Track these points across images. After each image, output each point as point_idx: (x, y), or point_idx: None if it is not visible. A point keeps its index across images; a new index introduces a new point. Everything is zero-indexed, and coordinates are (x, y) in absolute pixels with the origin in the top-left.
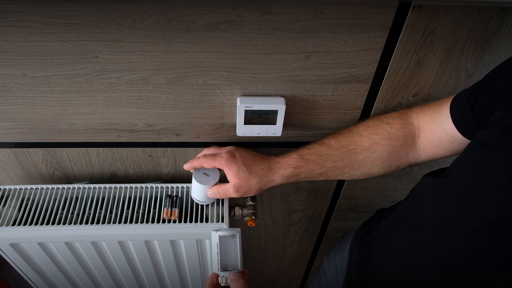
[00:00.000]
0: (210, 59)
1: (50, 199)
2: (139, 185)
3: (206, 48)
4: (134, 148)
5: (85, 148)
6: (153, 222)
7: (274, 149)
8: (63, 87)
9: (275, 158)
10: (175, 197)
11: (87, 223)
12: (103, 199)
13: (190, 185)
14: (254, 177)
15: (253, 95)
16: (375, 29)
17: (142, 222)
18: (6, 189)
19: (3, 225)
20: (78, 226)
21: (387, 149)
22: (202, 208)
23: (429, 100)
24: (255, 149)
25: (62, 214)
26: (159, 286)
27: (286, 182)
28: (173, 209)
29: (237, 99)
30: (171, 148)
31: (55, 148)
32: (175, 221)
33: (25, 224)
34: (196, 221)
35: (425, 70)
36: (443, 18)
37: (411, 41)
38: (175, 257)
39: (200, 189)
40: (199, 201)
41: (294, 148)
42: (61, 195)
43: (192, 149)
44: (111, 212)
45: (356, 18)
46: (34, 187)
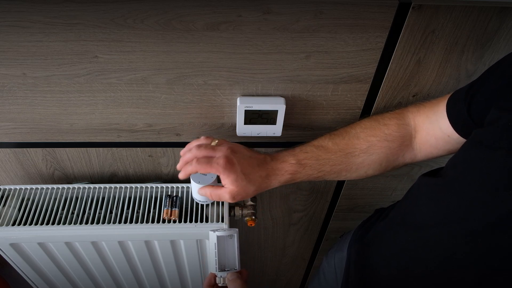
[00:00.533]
0: (210, 59)
1: (50, 199)
2: (139, 185)
3: (206, 48)
4: (134, 148)
5: (85, 148)
6: (153, 222)
7: (274, 149)
8: (63, 87)
9: (272, 163)
10: (175, 197)
11: (87, 223)
12: (103, 199)
13: (190, 185)
14: (252, 185)
15: (253, 95)
16: (375, 29)
17: (142, 222)
18: (6, 189)
19: (3, 225)
20: (78, 226)
21: (385, 151)
22: (202, 208)
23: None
24: (255, 149)
25: (62, 214)
26: (159, 286)
27: (283, 185)
28: (173, 209)
29: (237, 99)
30: (171, 148)
31: (55, 148)
32: (175, 221)
33: (25, 224)
34: (196, 221)
35: (425, 70)
36: (443, 18)
37: (411, 41)
38: (175, 257)
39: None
40: (199, 200)
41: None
42: (61, 195)
43: None
44: (111, 212)
45: (356, 18)
46: (34, 187)
